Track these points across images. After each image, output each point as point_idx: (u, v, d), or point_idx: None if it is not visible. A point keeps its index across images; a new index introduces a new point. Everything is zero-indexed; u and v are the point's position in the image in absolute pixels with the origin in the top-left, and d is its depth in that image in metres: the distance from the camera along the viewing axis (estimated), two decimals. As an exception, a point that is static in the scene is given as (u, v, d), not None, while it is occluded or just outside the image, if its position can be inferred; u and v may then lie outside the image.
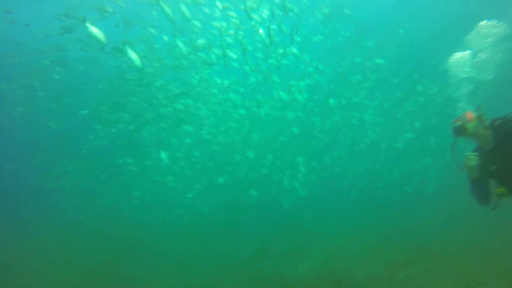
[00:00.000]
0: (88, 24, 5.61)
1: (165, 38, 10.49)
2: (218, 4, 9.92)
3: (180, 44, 8.71)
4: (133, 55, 6.97)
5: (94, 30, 5.72)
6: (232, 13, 10.14)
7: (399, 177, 16.14)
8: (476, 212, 2.94)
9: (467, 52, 3.67)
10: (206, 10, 10.52)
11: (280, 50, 11.07)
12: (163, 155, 10.79)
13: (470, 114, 3.25)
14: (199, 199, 15.34)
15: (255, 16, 9.67)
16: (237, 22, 10.03)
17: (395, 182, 15.75)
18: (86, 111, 12.47)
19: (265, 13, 10.07)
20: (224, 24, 10.46)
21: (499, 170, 2.97)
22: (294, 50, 10.62)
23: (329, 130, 16.35)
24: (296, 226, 12.72)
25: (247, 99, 13.03)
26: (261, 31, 8.97)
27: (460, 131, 3.16)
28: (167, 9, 6.62)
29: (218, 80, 12.31)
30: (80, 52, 10.65)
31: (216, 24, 10.44)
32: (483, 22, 3.81)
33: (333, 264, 9.59)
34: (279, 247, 11.54)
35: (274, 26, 8.69)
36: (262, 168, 14.15)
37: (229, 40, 10.34)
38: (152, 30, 10.07)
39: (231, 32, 10.26)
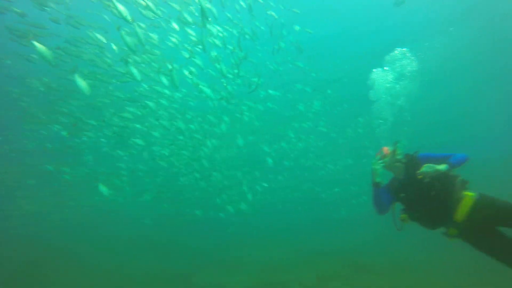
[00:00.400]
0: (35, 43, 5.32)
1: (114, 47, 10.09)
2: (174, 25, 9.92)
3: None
4: (81, 82, 6.76)
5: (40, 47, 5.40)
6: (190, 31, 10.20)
7: (336, 198, 17.11)
8: (402, 232, 3.33)
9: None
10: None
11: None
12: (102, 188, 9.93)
13: (386, 149, 3.66)
14: (138, 212, 14.51)
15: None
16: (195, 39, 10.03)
17: (333, 203, 16.64)
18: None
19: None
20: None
21: (405, 199, 3.35)
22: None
23: (276, 153, 16.90)
24: (234, 240, 12.61)
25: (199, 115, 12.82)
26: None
27: (385, 163, 3.55)
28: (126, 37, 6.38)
29: (167, 92, 12.08)
30: (10, 43, 9.57)
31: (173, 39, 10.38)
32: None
33: (268, 276, 9.65)
34: (216, 260, 11.34)
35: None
36: (205, 185, 13.95)
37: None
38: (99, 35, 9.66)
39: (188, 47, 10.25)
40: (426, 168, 3.01)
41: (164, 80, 7.90)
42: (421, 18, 17.42)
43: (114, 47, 8.73)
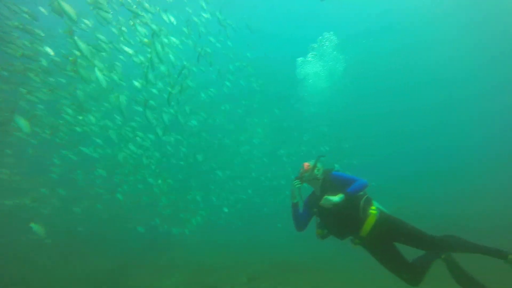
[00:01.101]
0: None
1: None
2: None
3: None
4: (22, 122, 6.01)
5: None
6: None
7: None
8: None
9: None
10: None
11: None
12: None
13: (307, 165, 3.85)
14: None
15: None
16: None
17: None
18: None
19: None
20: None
21: (318, 214, 3.64)
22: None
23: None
24: (164, 242, 12.09)
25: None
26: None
27: (301, 177, 3.79)
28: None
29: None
30: None
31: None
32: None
33: (200, 278, 9.57)
34: (147, 262, 10.74)
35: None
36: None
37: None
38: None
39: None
40: (324, 200, 3.29)
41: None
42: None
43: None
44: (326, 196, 3.30)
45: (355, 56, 23.02)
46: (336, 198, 3.27)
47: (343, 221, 3.41)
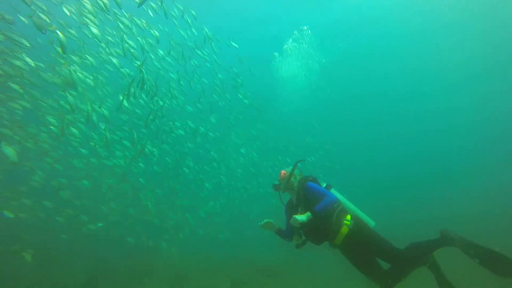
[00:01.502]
0: None
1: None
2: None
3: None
4: (8, 151, 6.12)
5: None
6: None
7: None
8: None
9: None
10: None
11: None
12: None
13: (283, 173, 3.89)
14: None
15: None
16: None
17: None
18: None
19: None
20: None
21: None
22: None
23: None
24: (143, 249, 11.98)
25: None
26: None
27: (275, 187, 3.87)
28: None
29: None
30: None
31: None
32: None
33: (182, 284, 9.66)
34: (124, 270, 10.67)
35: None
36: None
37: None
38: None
39: None
40: (292, 220, 3.36)
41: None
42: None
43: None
44: (294, 216, 3.37)
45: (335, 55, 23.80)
46: (303, 217, 3.36)
47: (317, 232, 3.52)
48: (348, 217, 3.48)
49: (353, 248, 3.46)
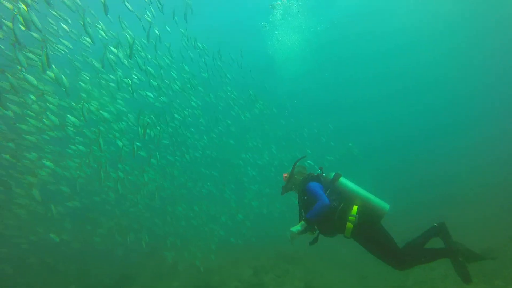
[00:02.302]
0: None
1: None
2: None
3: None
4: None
5: None
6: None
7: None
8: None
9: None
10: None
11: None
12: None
13: (285, 176, 4.03)
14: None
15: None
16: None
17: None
18: None
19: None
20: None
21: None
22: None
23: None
24: (161, 248, 12.19)
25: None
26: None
27: (283, 189, 4.04)
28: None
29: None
30: None
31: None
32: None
33: (206, 277, 9.90)
34: (146, 270, 10.98)
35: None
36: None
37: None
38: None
39: None
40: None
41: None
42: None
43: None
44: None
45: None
46: (298, 227, 3.46)
47: (325, 227, 3.62)
48: (354, 210, 3.44)
49: (363, 238, 3.51)
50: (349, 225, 3.39)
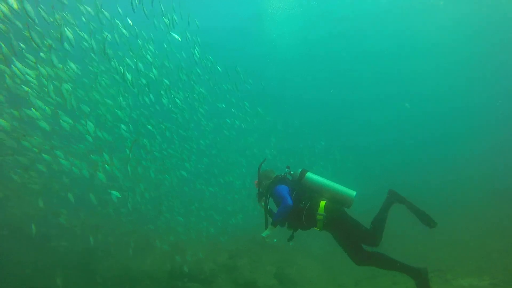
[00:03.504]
0: None
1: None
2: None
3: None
4: None
5: None
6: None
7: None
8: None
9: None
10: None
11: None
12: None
13: (256, 182, 4.11)
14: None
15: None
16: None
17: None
18: None
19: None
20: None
21: None
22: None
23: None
24: (140, 225, 12.19)
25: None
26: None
27: (258, 196, 4.07)
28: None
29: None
30: None
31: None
32: None
33: (181, 257, 10.05)
34: (122, 245, 10.89)
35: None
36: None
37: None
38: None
39: None
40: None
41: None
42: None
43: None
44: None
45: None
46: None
47: (297, 225, 3.77)
48: (321, 208, 3.55)
49: (333, 231, 3.68)
50: (319, 224, 3.55)
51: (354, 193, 3.72)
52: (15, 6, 5.62)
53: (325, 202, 3.59)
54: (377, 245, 3.57)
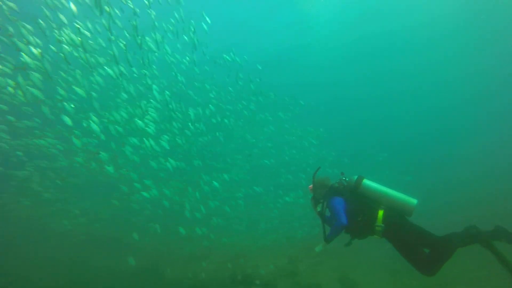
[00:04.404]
0: None
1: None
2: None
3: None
4: None
5: None
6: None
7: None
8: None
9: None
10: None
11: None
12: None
13: (310, 187, 3.97)
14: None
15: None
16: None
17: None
18: None
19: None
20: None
21: None
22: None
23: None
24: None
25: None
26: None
27: (312, 201, 3.94)
28: None
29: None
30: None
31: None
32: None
33: (243, 262, 10.22)
34: (184, 251, 11.35)
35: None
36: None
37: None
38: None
39: None
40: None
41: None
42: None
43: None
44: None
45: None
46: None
47: (355, 235, 3.66)
48: (379, 219, 3.43)
49: (393, 240, 3.47)
50: (377, 234, 3.43)
51: (415, 201, 3.47)
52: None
53: (382, 211, 3.45)
54: (431, 275, 3.26)
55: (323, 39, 25.85)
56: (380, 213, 3.44)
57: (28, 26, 7.22)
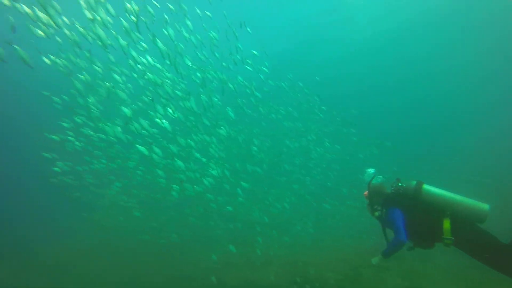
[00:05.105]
0: None
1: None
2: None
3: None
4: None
5: None
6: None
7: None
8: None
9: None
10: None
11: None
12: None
13: (365, 194, 3.94)
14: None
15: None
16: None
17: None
18: None
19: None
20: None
21: None
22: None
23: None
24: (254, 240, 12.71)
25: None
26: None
27: (368, 208, 3.97)
28: None
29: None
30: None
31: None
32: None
33: (301, 269, 10.21)
34: (244, 258, 11.62)
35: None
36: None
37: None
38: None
39: None
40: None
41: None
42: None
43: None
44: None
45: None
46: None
47: (421, 246, 3.61)
48: (447, 231, 3.18)
49: (469, 250, 3.21)
50: (447, 242, 3.22)
51: (487, 206, 3.13)
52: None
53: (449, 222, 3.19)
54: None
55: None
56: (446, 223, 3.19)
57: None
